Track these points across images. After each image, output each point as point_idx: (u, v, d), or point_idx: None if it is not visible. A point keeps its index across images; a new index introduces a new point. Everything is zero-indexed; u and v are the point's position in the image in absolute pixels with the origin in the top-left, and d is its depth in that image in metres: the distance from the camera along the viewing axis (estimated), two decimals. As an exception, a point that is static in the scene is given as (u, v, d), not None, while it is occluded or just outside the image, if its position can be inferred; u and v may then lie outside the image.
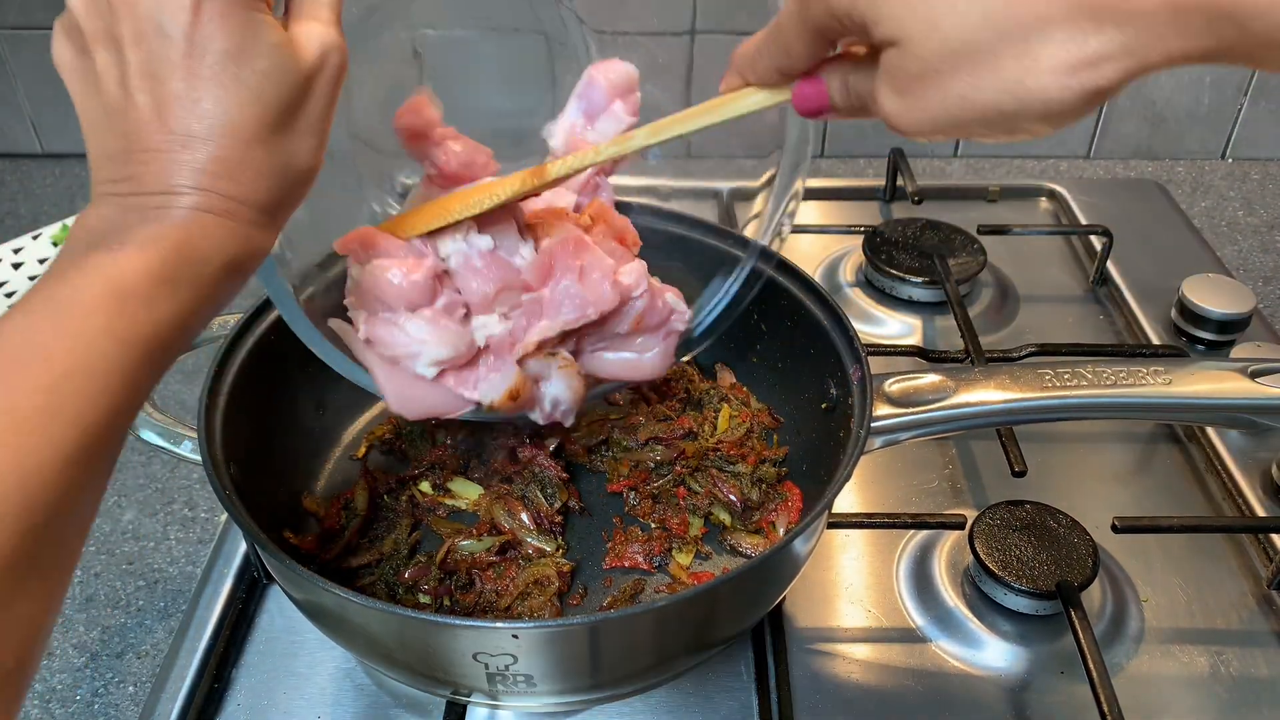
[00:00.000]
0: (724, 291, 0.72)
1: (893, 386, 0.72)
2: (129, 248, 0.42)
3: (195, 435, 0.68)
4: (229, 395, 0.71)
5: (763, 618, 0.71)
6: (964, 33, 0.40)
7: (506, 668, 0.57)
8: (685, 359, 0.78)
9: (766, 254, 0.77)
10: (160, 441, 0.71)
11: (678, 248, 0.86)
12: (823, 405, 0.78)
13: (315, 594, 0.61)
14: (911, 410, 0.70)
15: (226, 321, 0.77)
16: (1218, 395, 0.69)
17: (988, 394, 0.70)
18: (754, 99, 0.53)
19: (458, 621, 0.58)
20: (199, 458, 0.66)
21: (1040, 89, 0.40)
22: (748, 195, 0.82)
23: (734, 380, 0.88)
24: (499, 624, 0.56)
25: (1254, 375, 0.69)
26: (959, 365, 0.94)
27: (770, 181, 0.70)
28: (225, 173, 0.44)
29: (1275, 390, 0.69)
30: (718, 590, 0.59)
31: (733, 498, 0.77)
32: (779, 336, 0.83)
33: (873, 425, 0.68)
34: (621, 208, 0.89)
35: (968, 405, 0.70)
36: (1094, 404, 0.70)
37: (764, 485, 0.78)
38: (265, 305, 0.77)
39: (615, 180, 1.34)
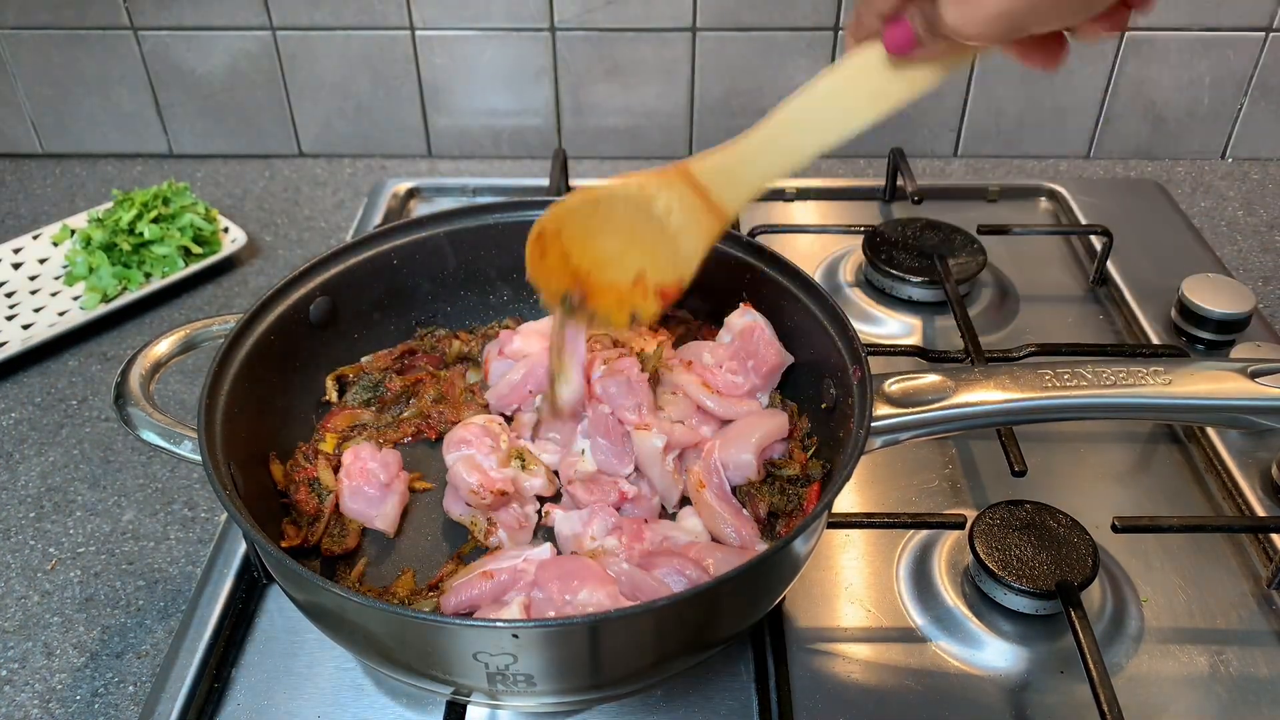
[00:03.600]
0: None
1: (892, 387, 0.72)
2: None
3: (195, 435, 0.68)
4: (228, 395, 0.71)
5: (763, 618, 0.71)
6: None
7: (506, 667, 0.57)
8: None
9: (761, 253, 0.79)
10: (160, 441, 0.71)
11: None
12: (822, 405, 0.78)
13: (315, 594, 0.61)
14: (911, 410, 0.70)
15: (227, 321, 0.77)
16: (1217, 395, 0.69)
17: (987, 394, 0.70)
18: (858, 58, 0.59)
19: (458, 621, 0.58)
20: (199, 458, 0.66)
21: None
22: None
23: None
24: (499, 623, 0.56)
25: (1254, 375, 0.69)
26: (959, 365, 0.94)
27: None
28: None
29: (1275, 390, 0.69)
30: (718, 590, 0.59)
31: (762, 511, 0.76)
32: (779, 336, 0.83)
33: (872, 425, 0.68)
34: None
35: (967, 405, 0.70)
36: (1094, 404, 0.70)
37: (793, 494, 0.78)
38: (263, 307, 0.78)
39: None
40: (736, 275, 0.84)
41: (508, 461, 0.79)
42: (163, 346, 0.76)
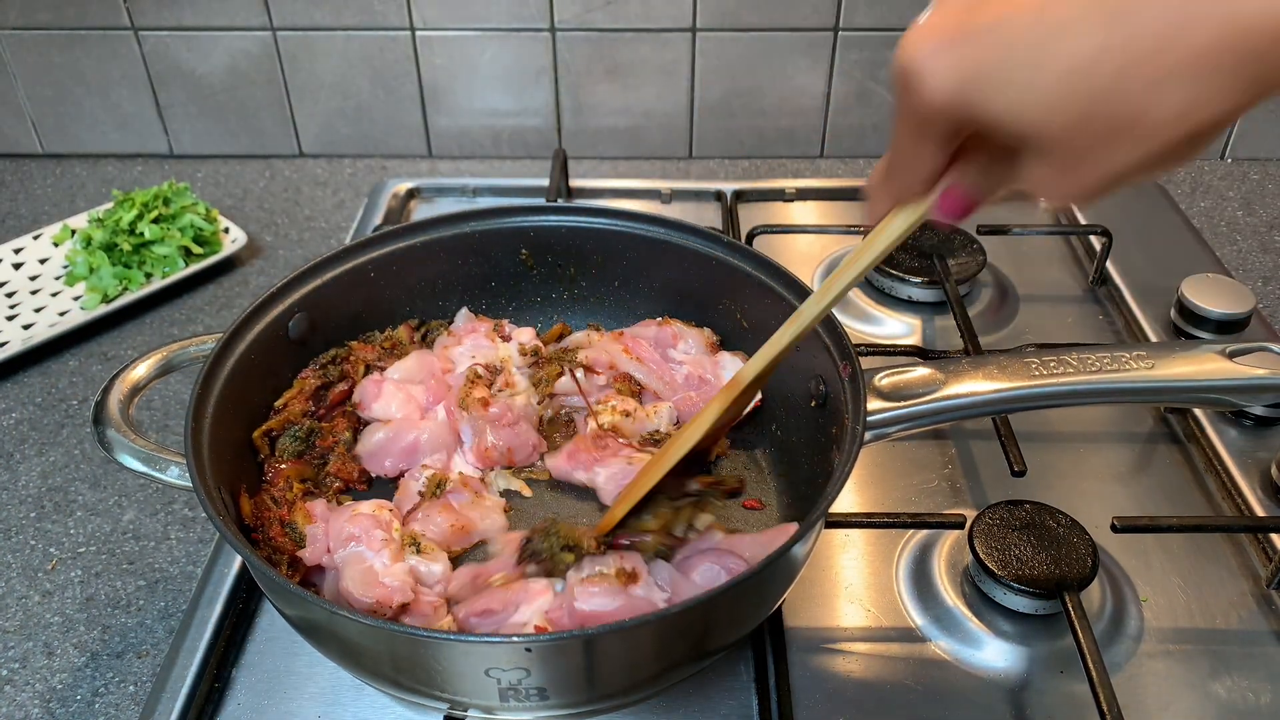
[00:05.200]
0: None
1: (883, 381, 0.72)
2: None
3: (178, 460, 0.67)
4: (213, 417, 0.70)
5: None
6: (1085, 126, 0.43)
7: (519, 682, 0.56)
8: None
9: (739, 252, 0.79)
10: (141, 467, 0.69)
11: (676, 256, 0.86)
12: (811, 403, 0.78)
13: (321, 616, 0.60)
14: (902, 404, 0.70)
15: (205, 342, 0.77)
16: (1198, 377, 0.71)
17: (976, 385, 0.71)
18: (901, 220, 0.55)
19: (471, 638, 0.57)
20: (187, 483, 0.65)
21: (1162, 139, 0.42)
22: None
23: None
24: (514, 637, 0.55)
25: (1231, 356, 0.72)
26: (949, 358, 0.94)
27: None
28: None
29: (1251, 370, 0.71)
30: (717, 599, 0.58)
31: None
32: (764, 335, 0.82)
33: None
34: (614, 214, 0.89)
35: (957, 397, 0.70)
36: (1081, 390, 0.71)
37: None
38: (243, 325, 0.77)
39: (612, 183, 1.35)
40: (719, 275, 0.84)
41: (401, 554, 0.71)
42: (140, 370, 0.74)
